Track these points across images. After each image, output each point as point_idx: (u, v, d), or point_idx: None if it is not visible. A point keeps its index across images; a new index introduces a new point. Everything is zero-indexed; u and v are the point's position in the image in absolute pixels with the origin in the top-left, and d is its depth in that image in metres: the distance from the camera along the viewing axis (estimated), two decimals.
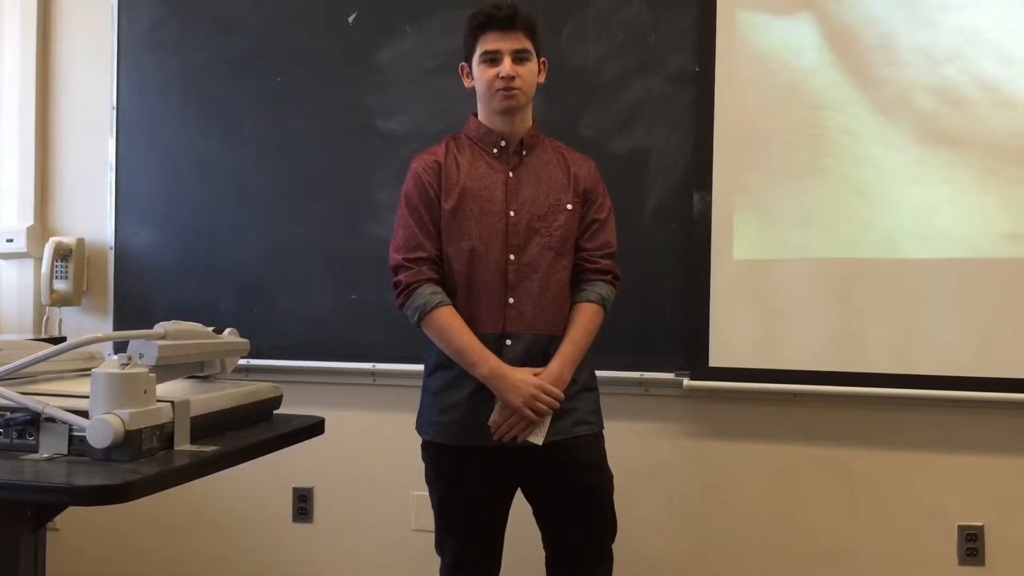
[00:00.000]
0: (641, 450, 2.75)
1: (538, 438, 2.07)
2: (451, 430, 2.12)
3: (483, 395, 2.09)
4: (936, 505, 2.72)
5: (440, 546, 2.22)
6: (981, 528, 2.69)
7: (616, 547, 2.27)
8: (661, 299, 2.72)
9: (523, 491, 2.21)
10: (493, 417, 2.08)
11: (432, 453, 2.18)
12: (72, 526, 3.21)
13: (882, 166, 2.66)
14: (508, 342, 2.10)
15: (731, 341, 2.74)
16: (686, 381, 2.78)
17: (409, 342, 2.95)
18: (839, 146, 2.69)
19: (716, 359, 2.75)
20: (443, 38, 2.97)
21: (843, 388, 2.68)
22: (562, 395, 2.08)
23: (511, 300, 2.11)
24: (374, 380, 3.06)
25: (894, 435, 2.74)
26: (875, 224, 2.66)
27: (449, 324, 2.08)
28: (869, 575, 2.75)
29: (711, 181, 2.75)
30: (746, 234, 2.74)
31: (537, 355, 2.11)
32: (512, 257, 2.12)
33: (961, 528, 2.70)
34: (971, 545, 2.69)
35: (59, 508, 1.60)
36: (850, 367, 2.67)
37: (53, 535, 3.11)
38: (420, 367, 2.92)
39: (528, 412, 2.04)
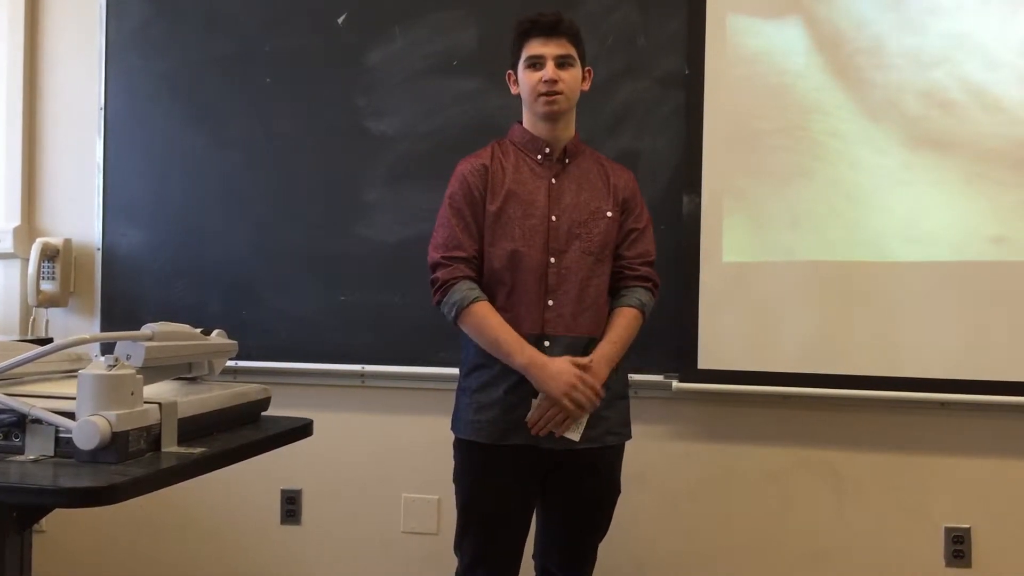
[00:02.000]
0: (630, 452, 2.73)
1: (575, 434, 2.09)
2: (487, 429, 2.14)
3: (518, 394, 2.11)
4: (923, 507, 2.73)
5: (459, 545, 2.22)
6: (968, 530, 2.70)
7: (605, 549, 2.28)
8: None
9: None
10: (530, 415, 2.09)
11: (464, 451, 2.20)
12: (59, 528, 3.19)
13: (870, 169, 2.67)
14: (547, 343, 2.12)
15: (720, 343, 2.74)
16: (675, 383, 2.78)
17: (399, 344, 2.97)
18: (828, 149, 2.70)
19: (705, 361, 2.75)
20: (433, 39, 2.97)
21: (831, 390, 2.69)
22: (600, 387, 2.08)
23: (550, 302, 2.13)
24: (363, 382, 3.05)
25: (882, 437, 2.75)
26: (863, 227, 2.67)
27: (485, 317, 2.10)
28: None
29: (700, 183, 2.76)
30: (736, 236, 2.75)
31: (576, 357, 2.12)
32: (552, 260, 2.15)
33: (948, 530, 2.71)
34: (958, 547, 2.70)
35: (45, 510, 1.59)
36: (838, 369, 2.67)
37: (39, 537, 3.09)
38: (409, 368, 2.96)
39: (567, 403, 2.05)
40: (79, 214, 3.27)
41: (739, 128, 2.75)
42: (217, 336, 1.89)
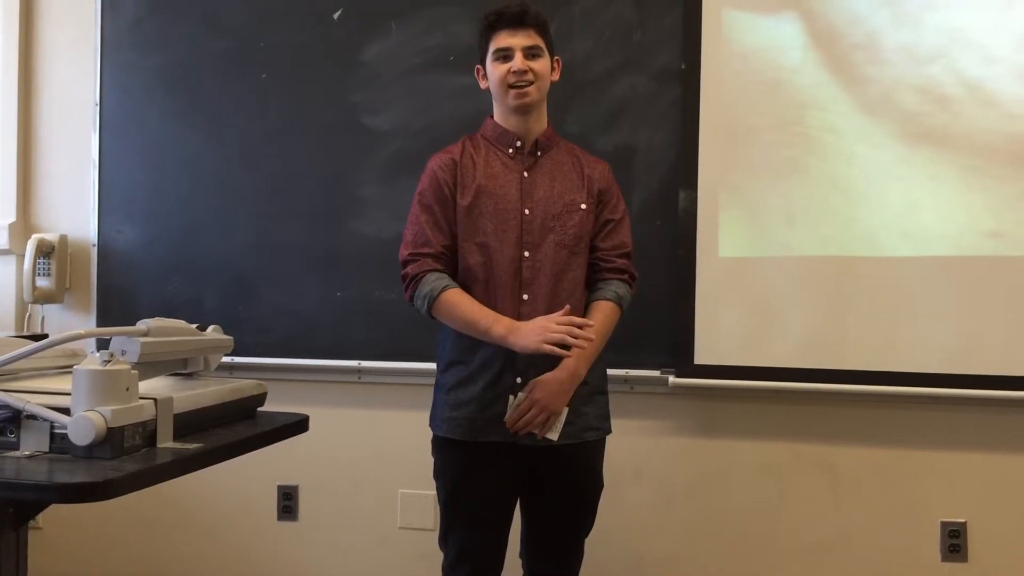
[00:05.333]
0: (627, 447, 2.75)
1: (554, 434, 2.09)
2: (463, 426, 2.13)
3: (495, 391, 2.10)
4: (919, 501, 2.73)
5: (444, 541, 2.22)
6: (964, 524, 2.71)
7: (602, 544, 2.29)
8: (647, 297, 2.72)
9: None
10: (508, 414, 2.09)
11: (443, 448, 2.20)
12: (54, 524, 3.19)
13: (866, 164, 2.67)
14: None
15: (717, 339, 2.74)
16: (672, 379, 2.79)
17: (395, 340, 2.96)
18: (824, 144, 2.70)
19: (702, 357, 2.75)
20: (428, 35, 2.97)
21: (827, 385, 2.69)
22: (580, 322, 2.02)
23: (525, 296, 2.12)
24: (359, 378, 3.05)
25: (878, 432, 2.75)
26: (859, 222, 2.68)
27: (458, 301, 2.09)
28: (853, 571, 2.76)
29: (697, 179, 2.76)
30: (732, 232, 2.75)
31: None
32: (526, 254, 2.13)
33: (944, 524, 2.72)
34: (954, 541, 2.71)
35: (41, 506, 1.59)
36: (834, 364, 2.68)
37: (35, 533, 3.10)
38: (406, 364, 2.96)
39: (549, 347, 1.98)
40: (75, 210, 3.26)
41: (735, 123, 2.75)
42: (213, 332, 1.88)
